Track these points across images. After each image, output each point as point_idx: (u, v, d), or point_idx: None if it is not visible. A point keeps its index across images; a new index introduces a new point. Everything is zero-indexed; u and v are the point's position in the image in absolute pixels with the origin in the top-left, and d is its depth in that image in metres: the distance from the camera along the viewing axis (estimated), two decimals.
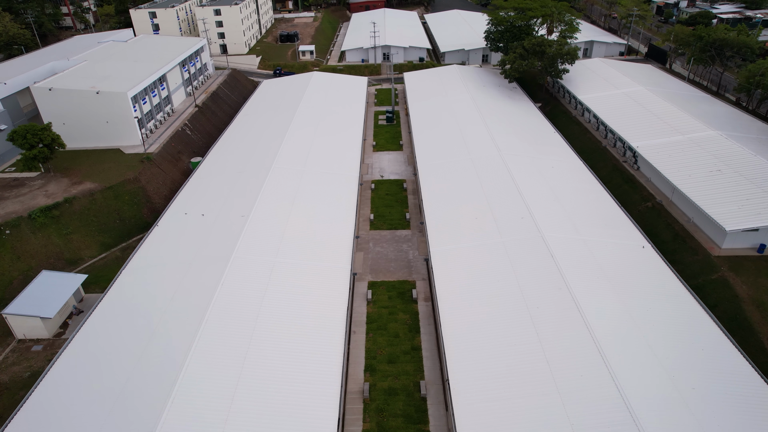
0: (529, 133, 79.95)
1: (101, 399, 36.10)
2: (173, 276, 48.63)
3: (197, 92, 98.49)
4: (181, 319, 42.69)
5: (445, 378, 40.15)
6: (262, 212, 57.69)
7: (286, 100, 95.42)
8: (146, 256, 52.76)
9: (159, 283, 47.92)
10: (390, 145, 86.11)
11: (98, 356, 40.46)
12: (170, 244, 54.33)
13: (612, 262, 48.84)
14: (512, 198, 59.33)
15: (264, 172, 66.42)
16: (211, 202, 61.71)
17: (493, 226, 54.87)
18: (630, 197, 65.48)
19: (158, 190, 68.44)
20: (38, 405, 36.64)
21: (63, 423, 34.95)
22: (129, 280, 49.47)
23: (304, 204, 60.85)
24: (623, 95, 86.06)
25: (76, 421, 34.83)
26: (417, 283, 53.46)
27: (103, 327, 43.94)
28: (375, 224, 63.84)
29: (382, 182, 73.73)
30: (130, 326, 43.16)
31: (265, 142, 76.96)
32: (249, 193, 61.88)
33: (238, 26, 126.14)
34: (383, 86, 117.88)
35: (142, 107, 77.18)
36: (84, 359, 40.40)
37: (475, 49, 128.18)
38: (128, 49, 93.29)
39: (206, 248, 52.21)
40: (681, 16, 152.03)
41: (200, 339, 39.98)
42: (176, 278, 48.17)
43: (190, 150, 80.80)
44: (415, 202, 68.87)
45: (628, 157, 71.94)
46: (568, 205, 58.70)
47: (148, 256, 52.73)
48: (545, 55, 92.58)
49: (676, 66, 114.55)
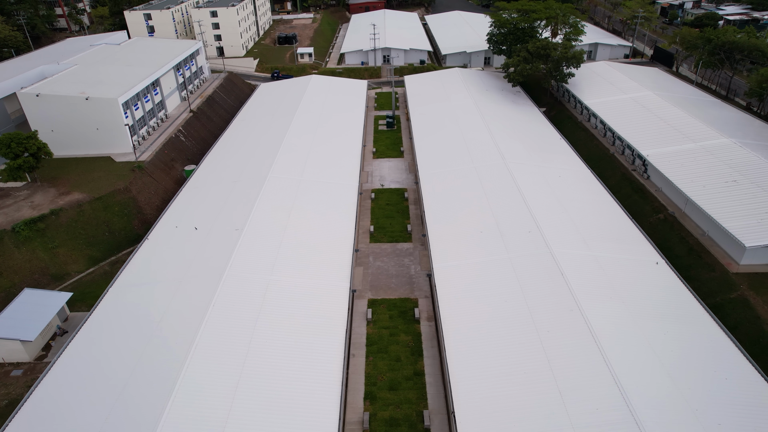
0: (534, 140, 77.40)
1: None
2: (162, 295, 46.08)
3: (192, 96, 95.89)
4: (169, 344, 40.15)
5: (450, 410, 37.56)
6: (257, 225, 55.11)
7: (283, 104, 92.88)
8: (134, 273, 50.20)
9: (147, 304, 45.36)
10: (390, 152, 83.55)
11: (79, 383, 37.94)
12: (160, 259, 51.75)
13: (625, 280, 46.26)
14: (518, 210, 56.77)
15: (260, 182, 63.85)
16: (204, 214, 59.14)
17: (498, 241, 52.30)
18: (640, 208, 62.90)
19: (150, 201, 65.84)
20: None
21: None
22: (116, 299, 46.93)
23: (301, 216, 58.29)
24: (630, 100, 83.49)
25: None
26: (419, 301, 50.89)
27: (87, 351, 41.42)
28: (375, 236, 61.26)
29: (382, 191, 71.17)
30: (114, 350, 40.68)
31: (261, 149, 74.42)
32: (244, 204, 59.30)
33: (235, 28, 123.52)
34: (383, 90, 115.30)
35: (134, 113, 74.56)
36: (64, 387, 37.87)
37: (477, 52, 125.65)
38: (121, 53, 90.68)
39: (198, 265, 49.64)
40: (686, 17, 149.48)
41: (189, 367, 37.42)
42: (165, 298, 45.62)
43: (183, 157, 78.20)
44: (417, 213, 66.31)
45: (638, 165, 69.38)
46: (577, 218, 56.14)
47: (136, 273, 50.17)
48: (550, 59, 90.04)
49: (683, 69, 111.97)
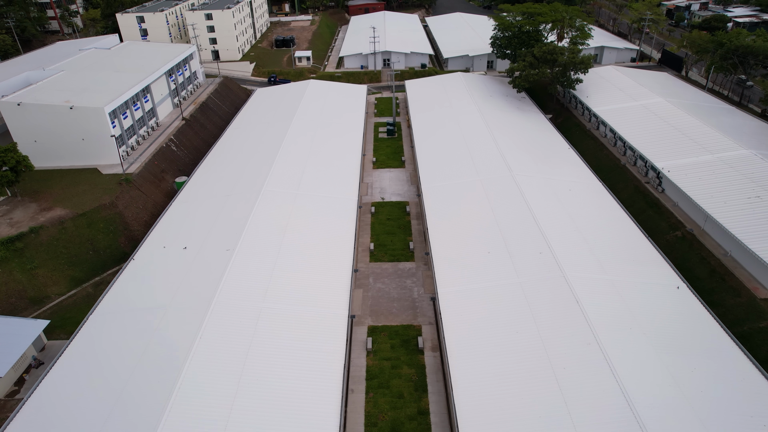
0: (541, 150, 73.99)
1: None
2: (146, 324, 42.64)
3: (185, 103, 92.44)
4: (152, 379, 36.76)
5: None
6: (250, 246, 51.67)
7: (280, 110, 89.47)
8: (117, 299, 46.75)
9: (130, 333, 41.98)
10: (391, 162, 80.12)
11: (55, 422, 34.56)
12: (145, 283, 48.31)
13: (645, 308, 42.83)
14: (528, 228, 53.34)
15: (253, 196, 60.42)
16: (193, 231, 55.69)
17: (508, 263, 48.87)
18: (656, 224, 59.49)
19: (138, 216, 62.40)
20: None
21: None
22: (96, 328, 43.51)
23: (296, 234, 54.84)
24: (641, 107, 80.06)
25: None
26: (423, 328, 47.46)
27: (63, 386, 38.02)
28: (375, 255, 57.84)
29: (383, 205, 67.74)
30: (92, 386, 37.31)
31: (256, 159, 70.98)
32: (236, 221, 55.85)
33: (230, 31, 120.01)
34: (383, 95, 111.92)
35: (123, 122, 71.10)
36: (37, 427, 34.47)
37: (479, 55, 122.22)
38: (111, 58, 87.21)
39: (185, 290, 46.18)
40: (693, 19, 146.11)
41: (174, 404, 34.06)
42: (150, 327, 42.19)
43: (175, 168, 74.74)
44: (420, 229, 62.88)
45: (651, 177, 65.96)
46: (590, 237, 52.73)
47: (119, 299, 46.71)
48: (557, 64, 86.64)
49: (692, 73, 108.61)
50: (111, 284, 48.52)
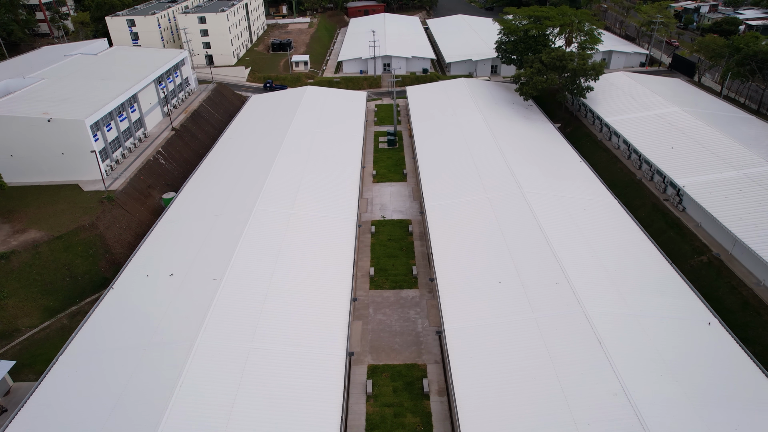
0: (551, 163, 69.71)
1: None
2: (121, 368, 38.44)
3: (176, 111, 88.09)
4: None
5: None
6: (239, 274, 47.37)
7: (275, 119, 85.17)
8: (92, 336, 42.47)
9: (102, 379, 37.75)
10: (392, 175, 75.78)
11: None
12: (124, 317, 44.03)
13: (676, 349, 38.58)
14: (541, 254, 49.04)
15: (244, 217, 56.12)
16: (178, 256, 51.42)
17: (521, 294, 44.57)
18: (678, 247, 55.22)
19: (120, 237, 58.06)
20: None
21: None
22: (66, 371, 39.23)
23: (290, 259, 50.56)
24: (657, 117, 75.78)
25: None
26: (428, 368, 43.14)
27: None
28: (376, 281, 53.53)
29: (383, 224, 63.42)
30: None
31: (248, 173, 66.69)
32: (225, 245, 51.56)
33: (225, 35, 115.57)
34: (384, 101, 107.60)
35: (106, 135, 66.73)
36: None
37: (483, 60, 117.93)
38: (97, 64, 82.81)
39: (166, 327, 41.90)
40: (703, 22, 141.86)
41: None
42: (124, 372, 38.00)
43: (162, 183, 70.38)
44: (423, 251, 58.57)
45: (671, 194, 61.69)
46: (609, 263, 48.44)
47: (94, 336, 42.44)
48: (566, 71, 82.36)
49: (705, 79, 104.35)
50: (86, 318, 44.26)
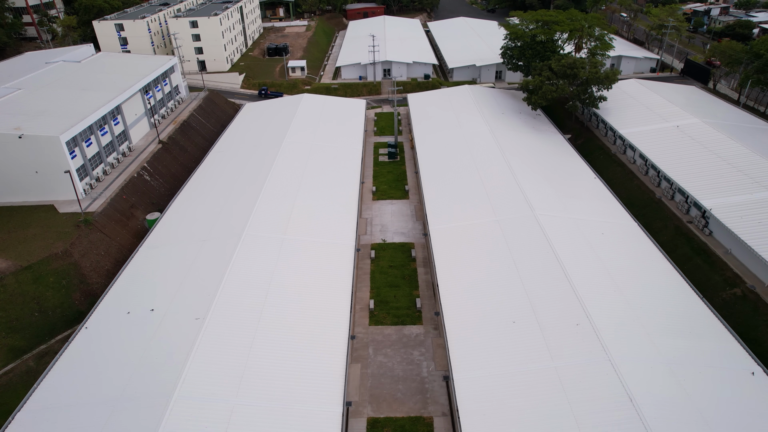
0: (564, 180, 65.01)
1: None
2: (88, 426, 33.76)
3: (165, 122, 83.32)
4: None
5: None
6: (225, 312, 42.71)
7: (269, 130, 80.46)
8: (56, 387, 37.74)
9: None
10: (393, 191, 71.03)
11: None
12: (94, 363, 39.37)
13: (720, 408, 33.91)
14: (559, 288, 44.35)
15: (233, 242, 51.46)
16: (160, 289, 46.77)
17: (538, 338, 39.87)
18: (707, 277, 50.50)
19: (98, 265, 53.30)
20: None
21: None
22: (27, 428, 34.61)
23: (282, 293, 45.89)
24: (675, 130, 71.05)
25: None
26: (435, 421, 38.46)
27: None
28: (376, 316, 48.82)
29: (384, 247, 58.71)
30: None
31: (239, 191, 62.01)
32: (211, 277, 46.88)
33: (218, 40, 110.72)
34: (384, 109, 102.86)
35: (85, 151, 61.94)
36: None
37: (487, 65, 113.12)
38: (79, 72, 78.00)
39: (141, 376, 37.29)
40: (714, 25, 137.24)
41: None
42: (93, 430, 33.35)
43: (147, 202, 65.59)
44: (427, 279, 53.86)
45: (695, 216, 57.00)
46: (634, 299, 43.75)
47: (58, 387, 37.71)
48: (577, 79, 77.68)
49: (721, 86, 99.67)
50: (52, 364, 39.55)
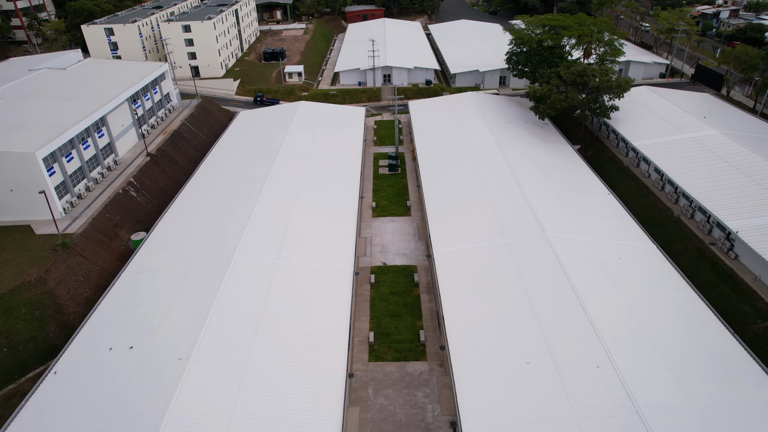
0: (575, 197, 61.17)
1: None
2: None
3: (153, 133, 79.44)
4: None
5: None
6: (210, 350, 38.94)
7: (264, 140, 76.59)
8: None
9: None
10: (394, 208, 67.14)
11: None
12: (60, 413, 35.46)
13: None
14: (577, 325, 40.50)
15: (221, 268, 47.63)
16: (141, 321, 42.98)
17: (556, 383, 36.00)
18: (735, 308, 46.62)
19: (76, 292, 49.40)
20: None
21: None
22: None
23: (274, 327, 42.07)
24: (693, 142, 67.22)
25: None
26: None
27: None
28: (376, 350, 44.94)
29: (384, 271, 54.85)
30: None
31: (230, 210, 58.12)
32: (196, 309, 43.02)
33: (212, 45, 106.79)
34: (384, 117, 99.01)
35: (65, 167, 58.07)
36: None
37: (491, 71, 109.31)
38: (63, 81, 74.09)
39: (114, 427, 33.38)
40: (724, 28, 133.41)
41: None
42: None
43: (132, 220, 61.69)
44: (431, 307, 49.99)
45: (718, 238, 53.15)
46: (658, 335, 39.94)
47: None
48: (588, 88, 73.83)
49: (735, 93, 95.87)
50: (15, 413, 35.66)
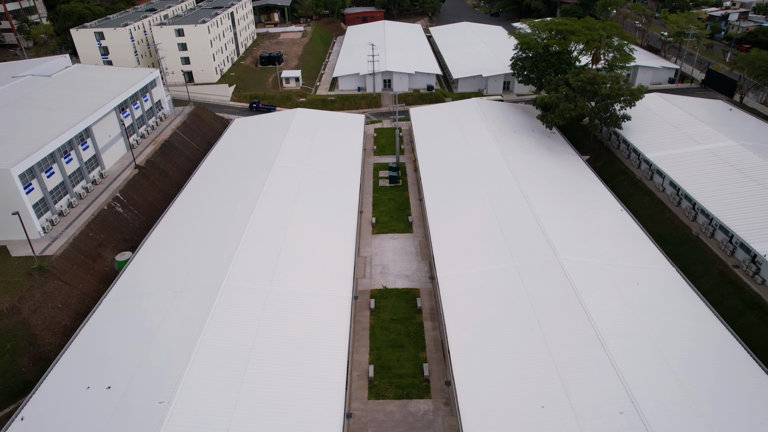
0: (587, 213, 57.76)
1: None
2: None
3: (143, 143, 75.97)
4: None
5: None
6: (195, 392, 35.62)
7: (258, 151, 73.17)
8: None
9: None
10: (395, 223, 63.68)
11: None
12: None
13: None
14: (595, 362, 37.14)
15: (210, 295, 44.29)
16: (121, 357, 39.68)
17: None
18: (765, 339, 43.14)
19: (53, 321, 45.93)
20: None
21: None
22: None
23: (265, 364, 38.68)
24: (710, 154, 63.77)
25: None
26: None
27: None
28: (376, 386, 41.48)
29: (385, 294, 51.38)
30: None
31: (221, 228, 54.77)
32: (181, 343, 39.70)
33: (206, 49, 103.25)
34: (384, 124, 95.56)
35: (45, 183, 54.61)
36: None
37: (494, 76, 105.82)
38: (47, 89, 70.57)
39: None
40: (733, 31, 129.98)
41: None
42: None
43: (118, 238, 58.23)
44: (435, 336, 46.55)
45: (742, 260, 49.71)
46: (685, 374, 36.62)
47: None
48: (598, 96, 70.40)
49: (748, 100, 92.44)
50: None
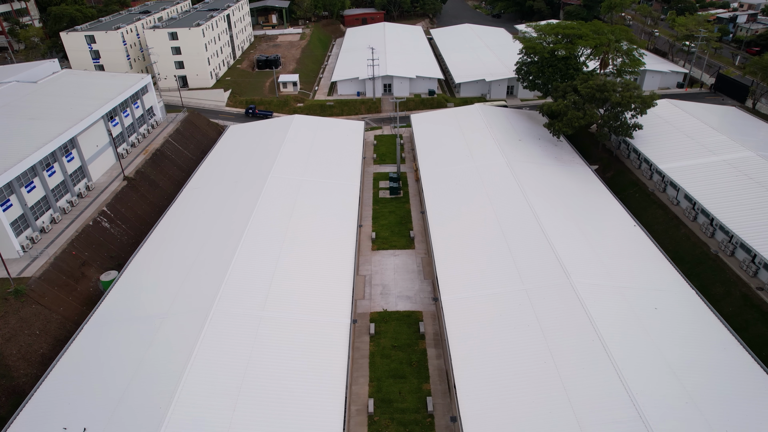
0: (599, 230, 54.68)
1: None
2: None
3: (134, 151, 72.92)
4: None
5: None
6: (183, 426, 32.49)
7: (253, 160, 70.14)
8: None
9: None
10: (396, 239, 60.62)
11: None
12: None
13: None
14: (614, 400, 34.19)
15: (199, 321, 41.41)
16: (100, 393, 36.59)
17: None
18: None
19: (29, 350, 42.86)
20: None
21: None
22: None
23: (256, 406, 35.56)
24: (727, 166, 60.69)
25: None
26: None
27: None
28: (376, 423, 38.43)
29: (386, 317, 48.33)
30: None
31: (212, 245, 51.80)
32: (164, 379, 36.70)
33: (201, 53, 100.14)
34: (384, 131, 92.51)
35: (25, 198, 51.57)
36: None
37: (498, 80, 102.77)
38: (32, 96, 67.50)
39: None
40: (742, 34, 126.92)
41: None
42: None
43: (104, 256, 55.15)
44: (440, 365, 43.49)
45: (767, 281, 46.68)
46: (713, 417, 33.55)
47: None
48: (607, 104, 67.39)
49: (761, 105, 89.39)
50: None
